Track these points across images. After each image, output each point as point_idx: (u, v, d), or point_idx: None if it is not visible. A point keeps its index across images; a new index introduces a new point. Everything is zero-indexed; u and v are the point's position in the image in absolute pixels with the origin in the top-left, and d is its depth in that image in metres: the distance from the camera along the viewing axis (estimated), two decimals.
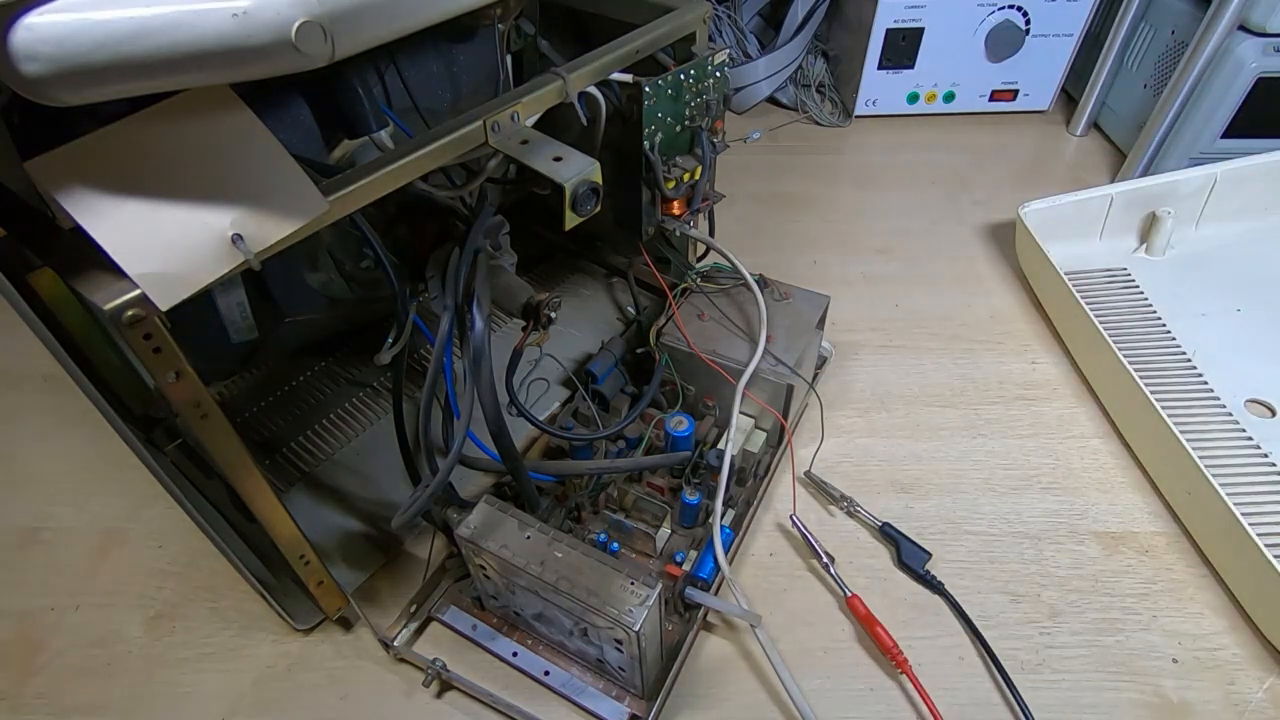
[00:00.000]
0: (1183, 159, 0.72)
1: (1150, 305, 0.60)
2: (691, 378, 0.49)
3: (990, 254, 0.70)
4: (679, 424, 0.45)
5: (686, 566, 0.43)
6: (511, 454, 0.39)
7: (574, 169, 0.35)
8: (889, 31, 0.81)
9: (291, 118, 0.36)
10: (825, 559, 0.45)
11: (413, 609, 0.43)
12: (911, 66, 0.84)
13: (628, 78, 0.42)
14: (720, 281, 0.52)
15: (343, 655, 0.42)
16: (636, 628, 0.33)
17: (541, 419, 0.45)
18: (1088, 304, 0.55)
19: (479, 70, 0.43)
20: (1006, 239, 0.71)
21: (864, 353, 0.59)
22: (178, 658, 0.42)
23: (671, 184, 0.46)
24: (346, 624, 0.43)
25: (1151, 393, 0.48)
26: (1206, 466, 0.44)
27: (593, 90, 0.40)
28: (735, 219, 0.73)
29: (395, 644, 0.41)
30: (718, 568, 0.41)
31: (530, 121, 0.37)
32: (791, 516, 0.46)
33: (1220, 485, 0.43)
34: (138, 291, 0.25)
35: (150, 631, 0.43)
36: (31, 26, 0.22)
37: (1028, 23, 0.81)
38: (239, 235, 0.26)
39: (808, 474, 0.50)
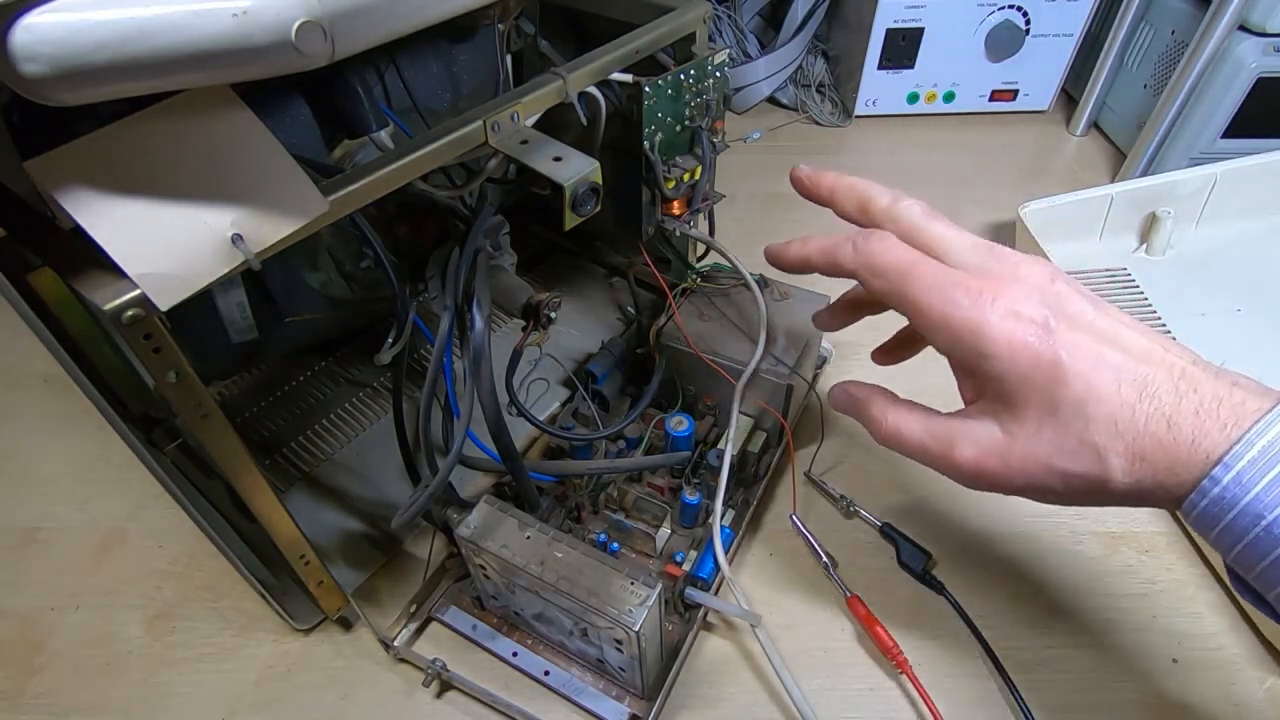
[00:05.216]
0: (1183, 159, 0.72)
1: (1150, 305, 0.60)
2: (691, 378, 0.49)
3: None
4: (679, 424, 0.45)
5: (686, 566, 0.43)
6: (511, 454, 0.39)
7: (574, 169, 0.35)
8: (889, 31, 0.81)
9: (291, 118, 0.36)
10: (825, 559, 0.45)
11: (413, 609, 0.43)
12: (911, 66, 0.84)
13: (628, 78, 0.42)
14: (720, 281, 0.52)
15: (343, 655, 0.42)
16: (636, 628, 0.33)
17: (541, 419, 0.45)
18: None
19: (479, 70, 0.43)
20: (1006, 239, 0.70)
21: (864, 353, 0.59)
22: (178, 658, 0.42)
23: (671, 184, 0.46)
24: (346, 624, 0.43)
25: None
26: None
27: (593, 90, 0.40)
28: (735, 219, 0.73)
29: (395, 644, 0.41)
30: (718, 568, 0.41)
31: (530, 121, 0.37)
32: (791, 516, 0.47)
33: None
34: (138, 291, 0.25)
35: (150, 631, 0.43)
36: (31, 27, 0.21)
37: (1028, 23, 0.81)
38: (239, 235, 0.26)
39: (808, 474, 0.50)
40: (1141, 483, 0.27)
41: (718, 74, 0.45)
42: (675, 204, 0.48)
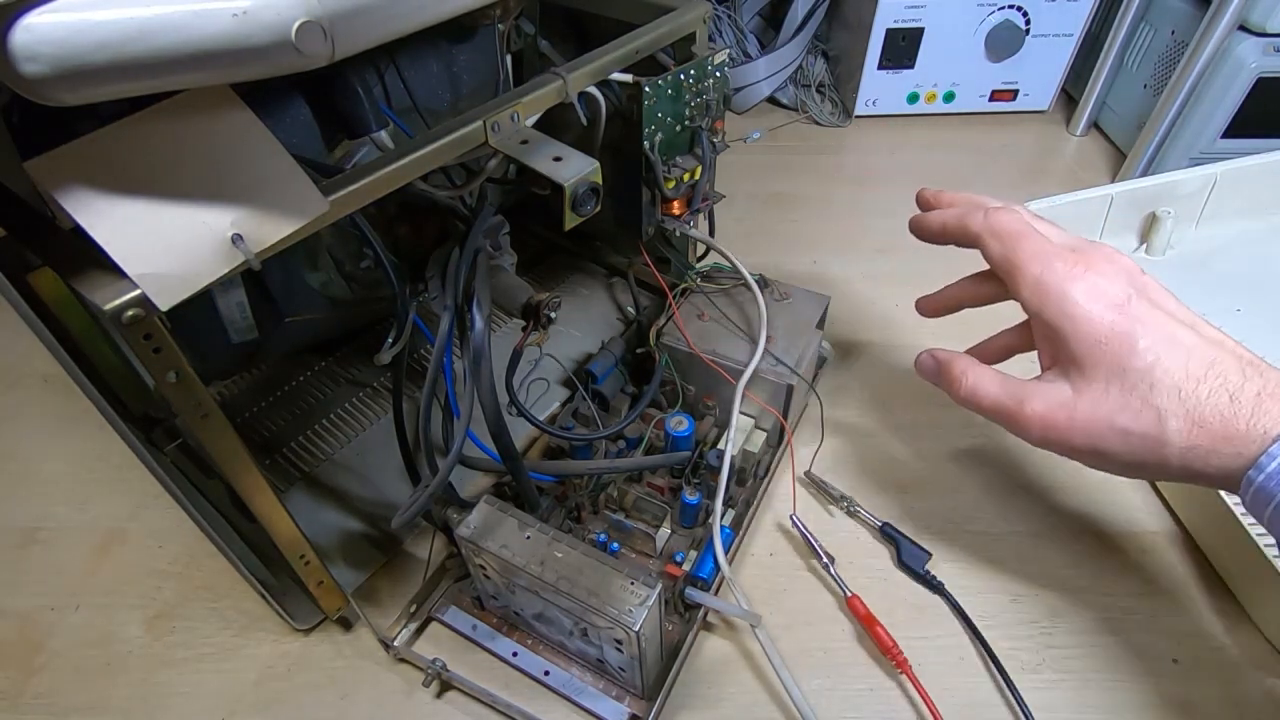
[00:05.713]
0: (1183, 159, 0.72)
1: None
2: (691, 378, 0.49)
3: None
4: (679, 424, 0.45)
5: (686, 566, 0.43)
6: (511, 454, 0.39)
7: (574, 169, 0.35)
8: (889, 31, 0.81)
9: (291, 118, 0.36)
10: (825, 559, 0.45)
11: (413, 609, 0.43)
12: (911, 66, 0.84)
13: (628, 78, 0.42)
14: (720, 281, 0.52)
15: (343, 655, 0.42)
16: (636, 628, 0.33)
17: (541, 419, 0.45)
18: None
19: (479, 70, 0.43)
20: None
21: (864, 353, 0.59)
22: (178, 658, 0.42)
23: (671, 184, 0.46)
24: (346, 624, 0.43)
25: None
26: None
27: (593, 90, 0.40)
28: (735, 219, 0.73)
29: (395, 644, 0.41)
30: (718, 568, 0.41)
31: (530, 121, 0.37)
32: (791, 516, 0.46)
33: None
34: (138, 291, 0.25)
35: (150, 631, 0.43)
36: (31, 27, 0.22)
37: (1028, 23, 0.81)
38: (239, 235, 0.26)
39: (808, 474, 0.50)
40: (1196, 449, 0.29)
41: (718, 74, 0.45)
42: (675, 204, 0.48)
